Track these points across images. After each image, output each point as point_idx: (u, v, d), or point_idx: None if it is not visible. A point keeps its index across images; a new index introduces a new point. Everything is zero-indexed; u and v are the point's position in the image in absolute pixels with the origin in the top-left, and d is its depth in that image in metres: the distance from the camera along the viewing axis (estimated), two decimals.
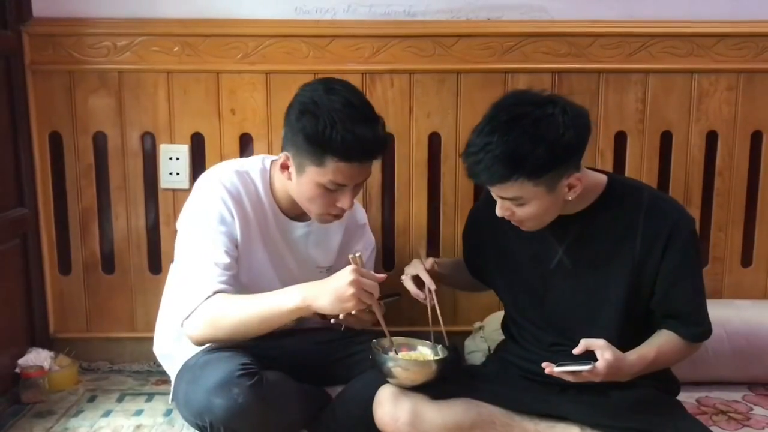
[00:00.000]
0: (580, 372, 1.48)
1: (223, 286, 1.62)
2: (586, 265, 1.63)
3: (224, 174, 1.75)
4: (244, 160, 1.86)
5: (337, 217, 1.74)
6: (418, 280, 1.71)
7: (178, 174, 2.25)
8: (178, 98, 2.23)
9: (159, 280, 2.28)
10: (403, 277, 1.74)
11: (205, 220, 1.70)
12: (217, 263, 1.65)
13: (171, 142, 2.25)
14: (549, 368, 1.50)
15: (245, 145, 2.27)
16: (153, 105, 2.23)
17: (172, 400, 1.82)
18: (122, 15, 2.20)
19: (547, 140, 1.45)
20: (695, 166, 2.29)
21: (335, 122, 1.58)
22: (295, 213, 1.79)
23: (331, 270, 1.89)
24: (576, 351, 1.50)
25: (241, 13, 2.21)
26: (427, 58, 2.21)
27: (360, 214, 1.98)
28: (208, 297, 1.60)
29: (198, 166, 2.26)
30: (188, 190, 2.23)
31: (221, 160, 2.23)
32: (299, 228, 1.81)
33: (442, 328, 1.68)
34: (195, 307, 1.60)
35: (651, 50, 2.22)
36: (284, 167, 1.69)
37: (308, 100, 1.63)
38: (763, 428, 1.93)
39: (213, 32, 2.19)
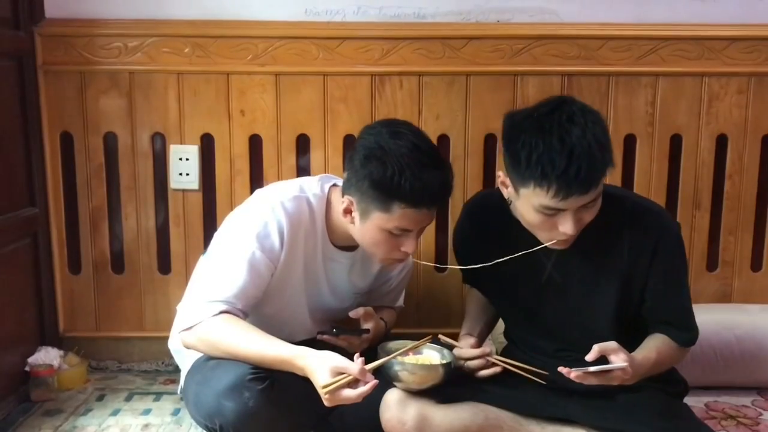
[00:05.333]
0: (610, 372, 1.46)
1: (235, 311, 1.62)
2: (576, 278, 1.62)
3: (286, 196, 1.71)
4: (304, 182, 1.78)
5: (401, 261, 1.73)
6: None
7: (187, 174, 2.26)
8: (189, 99, 2.24)
9: (168, 280, 2.30)
10: (466, 364, 1.65)
11: (254, 242, 1.66)
12: (244, 289, 1.63)
13: (181, 143, 2.26)
14: (573, 373, 1.46)
15: (254, 146, 2.27)
16: (163, 106, 2.24)
17: (181, 398, 1.82)
18: (133, 16, 2.21)
19: (598, 125, 1.45)
20: (705, 170, 2.29)
21: (403, 168, 1.56)
22: (345, 244, 1.76)
23: (366, 295, 1.89)
24: (589, 357, 1.49)
25: (251, 15, 2.21)
26: (436, 60, 2.21)
27: None
28: (215, 315, 1.60)
29: (207, 166, 2.27)
30: (198, 191, 2.27)
31: (231, 161, 2.26)
32: (345, 258, 1.79)
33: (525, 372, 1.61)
34: (197, 323, 1.61)
35: (661, 53, 2.21)
36: (347, 212, 1.67)
37: (374, 145, 1.60)
38: None
39: (223, 33, 2.20)
